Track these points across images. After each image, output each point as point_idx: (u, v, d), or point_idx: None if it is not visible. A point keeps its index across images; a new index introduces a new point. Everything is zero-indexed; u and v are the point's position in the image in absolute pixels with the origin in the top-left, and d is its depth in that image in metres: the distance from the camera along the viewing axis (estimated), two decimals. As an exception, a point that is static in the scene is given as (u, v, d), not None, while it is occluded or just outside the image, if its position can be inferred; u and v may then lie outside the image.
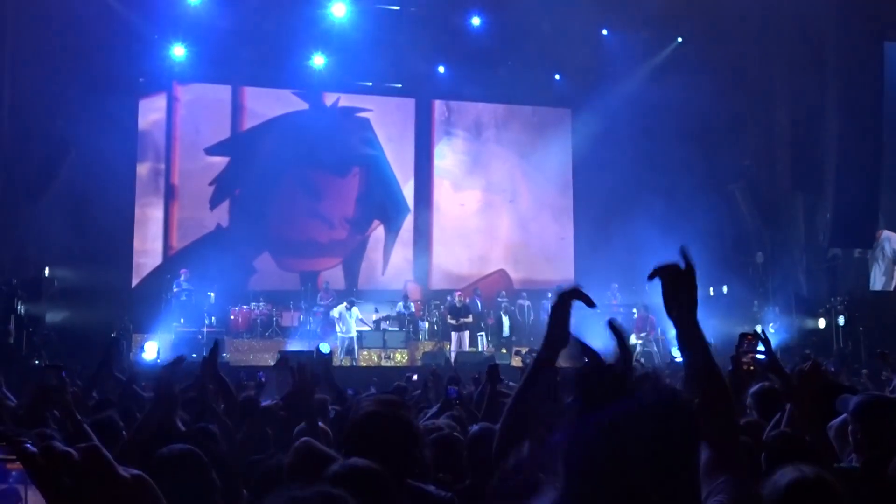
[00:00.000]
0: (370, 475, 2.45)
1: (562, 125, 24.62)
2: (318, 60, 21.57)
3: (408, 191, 23.54)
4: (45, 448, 1.10)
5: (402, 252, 23.21)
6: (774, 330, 19.08)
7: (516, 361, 16.93)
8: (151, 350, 17.17)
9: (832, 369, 9.22)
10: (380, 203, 23.19)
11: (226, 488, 3.16)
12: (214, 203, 22.04)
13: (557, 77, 23.30)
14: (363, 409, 3.01)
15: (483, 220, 24.00)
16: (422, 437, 3.06)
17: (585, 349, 1.67)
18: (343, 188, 23.02)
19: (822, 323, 18.96)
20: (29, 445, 1.10)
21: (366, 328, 19.90)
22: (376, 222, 23.21)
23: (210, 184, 21.94)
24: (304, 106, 22.64)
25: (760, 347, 4.06)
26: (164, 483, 2.94)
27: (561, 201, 24.30)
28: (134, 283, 20.89)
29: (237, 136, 22.41)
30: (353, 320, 19.29)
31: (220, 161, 22.20)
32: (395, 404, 3.04)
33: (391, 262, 23.11)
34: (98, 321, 17.70)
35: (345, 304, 19.41)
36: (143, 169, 21.61)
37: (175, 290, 19.49)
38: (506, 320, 20.81)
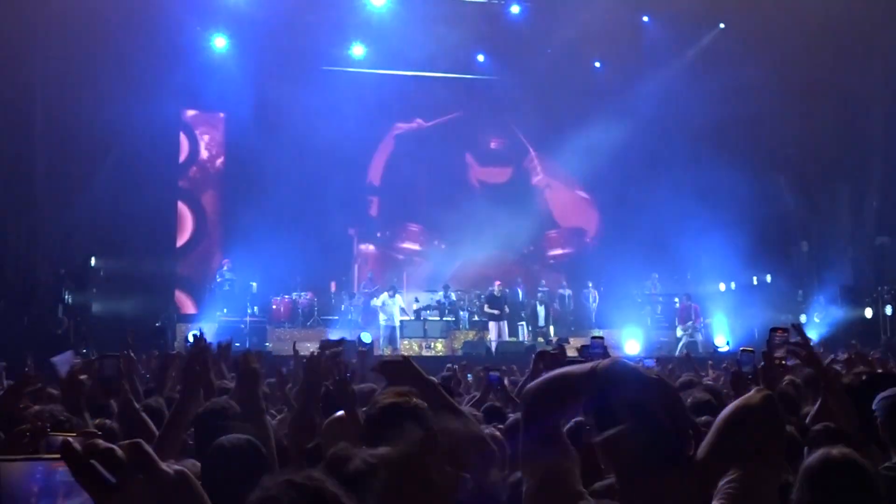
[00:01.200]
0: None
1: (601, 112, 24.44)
2: (358, 50, 21.61)
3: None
4: (88, 445, 1.11)
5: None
6: (819, 320, 18.84)
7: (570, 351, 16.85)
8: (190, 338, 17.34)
9: (878, 357, 9.08)
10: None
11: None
12: (256, 191, 22.25)
13: (598, 64, 23.12)
14: (379, 401, 3.01)
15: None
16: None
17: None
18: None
19: (868, 312, 18.67)
20: (72, 440, 1.11)
21: (407, 318, 19.94)
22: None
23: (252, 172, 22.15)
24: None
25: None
26: (221, 471, 2.99)
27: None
28: (178, 272, 21.12)
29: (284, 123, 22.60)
30: (395, 308, 19.34)
31: (264, 150, 22.40)
32: (411, 394, 3.04)
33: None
34: (143, 310, 17.94)
35: (386, 293, 19.48)
36: (185, 158, 21.84)
37: (218, 279, 19.71)
38: (541, 310, 20.74)
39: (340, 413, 4.07)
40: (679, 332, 19.77)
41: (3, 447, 3.12)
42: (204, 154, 22.42)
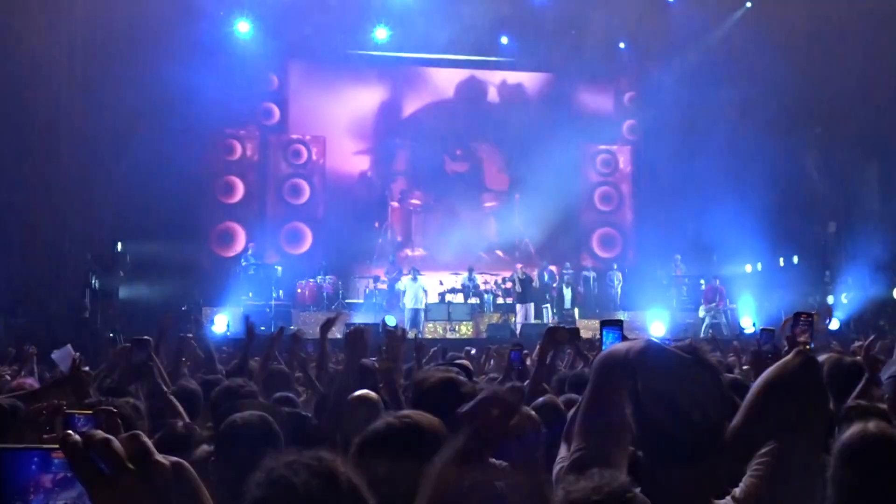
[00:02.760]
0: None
1: (625, 93, 24.39)
2: (381, 33, 21.56)
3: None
4: (86, 436, 1.11)
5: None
6: (847, 301, 18.68)
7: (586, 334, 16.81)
8: (221, 323, 17.46)
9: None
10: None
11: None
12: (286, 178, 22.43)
13: (622, 45, 22.94)
14: (436, 375, 3.00)
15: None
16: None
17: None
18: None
19: (896, 293, 18.49)
20: (72, 433, 1.12)
21: (431, 301, 19.97)
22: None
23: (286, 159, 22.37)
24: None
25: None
26: (235, 448, 3.01)
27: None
28: (205, 257, 21.25)
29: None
30: (420, 291, 19.36)
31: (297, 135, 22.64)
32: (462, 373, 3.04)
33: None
34: (170, 295, 18.07)
35: (410, 276, 19.51)
36: (213, 142, 21.94)
37: (243, 263, 19.81)
38: (567, 292, 20.69)
39: (362, 391, 4.09)
40: (702, 313, 19.65)
41: (21, 425, 3.14)
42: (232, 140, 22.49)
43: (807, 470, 1.84)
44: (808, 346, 3.86)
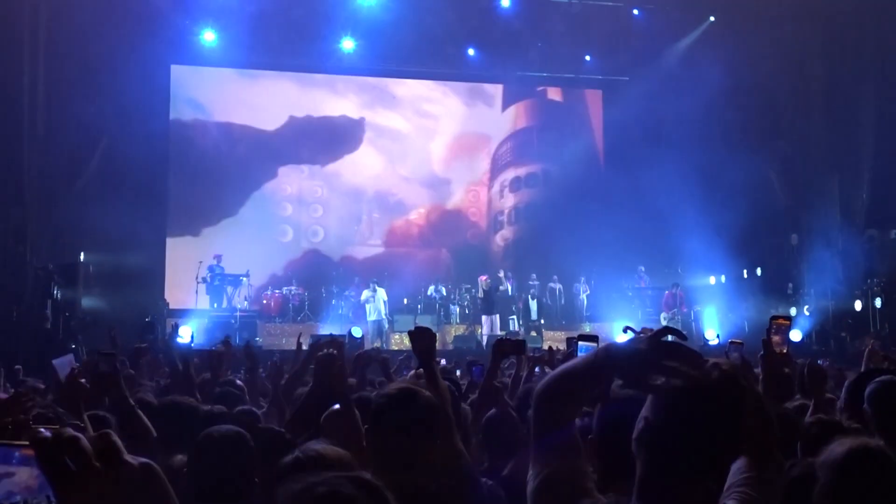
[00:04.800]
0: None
1: (592, 106, 24.58)
2: (348, 44, 21.54)
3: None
4: (55, 433, 1.10)
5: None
6: (810, 312, 18.89)
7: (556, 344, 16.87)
8: (186, 334, 17.26)
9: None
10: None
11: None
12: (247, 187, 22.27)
13: (588, 58, 23.10)
14: (392, 386, 2.99)
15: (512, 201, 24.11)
16: (453, 422, 3.03)
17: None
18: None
19: (858, 305, 18.72)
20: (42, 430, 1.10)
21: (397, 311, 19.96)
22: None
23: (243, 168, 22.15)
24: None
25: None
26: (207, 461, 2.99)
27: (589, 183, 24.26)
28: (167, 267, 21.03)
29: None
30: (380, 303, 19.34)
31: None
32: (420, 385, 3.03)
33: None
34: (133, 306, 17.88)
35: (367, 289, 19.50)
36: (174, 153, 21.76)
37: (208, 274, 19.65)
38: (533, 304, 20.77)
39: (337, 407, 4.06)
40: (664, 321, 19.82)
41: None
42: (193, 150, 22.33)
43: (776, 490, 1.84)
44: (784, 350, 3.89)
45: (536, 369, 6.29)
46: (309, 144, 22.80)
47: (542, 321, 20.48)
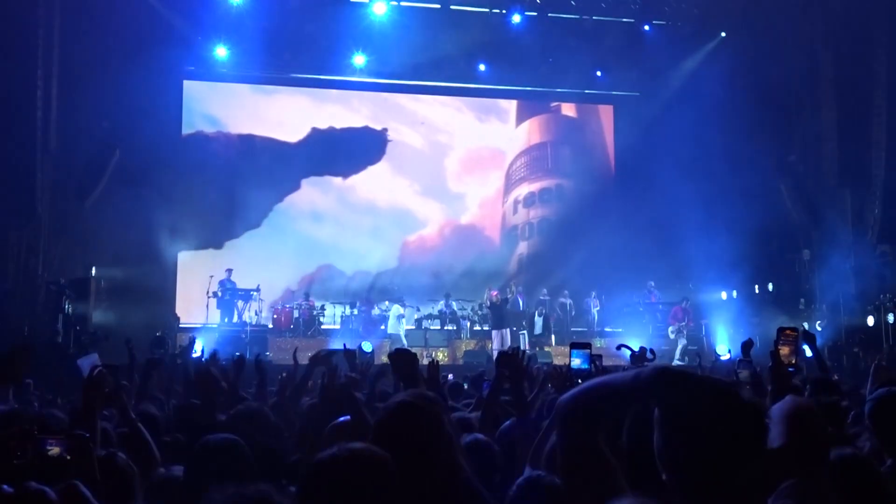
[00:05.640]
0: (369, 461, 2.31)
1: (604, 121, 24.61)
2: (359, 59, 21.60)
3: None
4: (18, 490, 1.11)
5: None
6: (822, 328, 18.78)
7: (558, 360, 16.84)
8: (196, 348, 17.27)
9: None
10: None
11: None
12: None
13: (599, 73, 23.10)
14: (396, 399, 2.96)
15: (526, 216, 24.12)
16: (453, 436, 2.99)
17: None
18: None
19: (871, 321, 18.60)
20: (5, 488, 1.11)
21: (409, 327, 19.94)
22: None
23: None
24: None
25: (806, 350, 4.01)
26: (206, 469, 2.98)
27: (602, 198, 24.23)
28: (178, 282, 21.07)
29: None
30: (394, 317, 19.35)
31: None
32: (429, 399, 2.99)
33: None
34: (143, 320, 17.90)
35: (386, 301, 19.50)
36: (186, 168, 21.83)
37: (219, 289, 19.68)
38: (538, 320, 20.75)
39: (344, 419, 4.05)
40: (672, 334, 19.84)
41: None
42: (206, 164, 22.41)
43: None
44: (792, 362, 3.86)
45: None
46: (326, 157, 22.87)
47: (553, 336, 20.46)
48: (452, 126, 24.13)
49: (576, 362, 2.79)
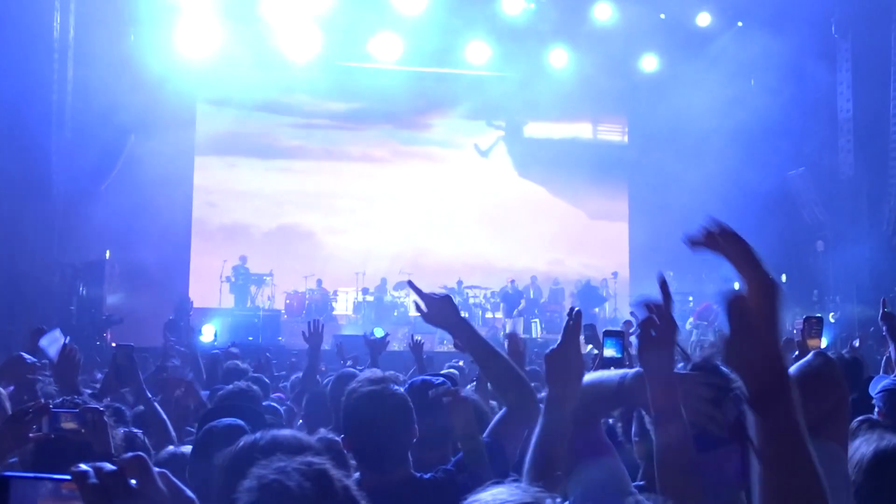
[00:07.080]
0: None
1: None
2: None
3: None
4: (96, 468, 1.12)
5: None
6: (835, 320, 18.70)
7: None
8: (209, 333, 17.32)
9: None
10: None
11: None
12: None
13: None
14: (358, 389, 2.99)
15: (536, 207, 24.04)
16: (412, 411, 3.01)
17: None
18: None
19: (885, 312, 18.49)
20: (81, 466, 1.12)
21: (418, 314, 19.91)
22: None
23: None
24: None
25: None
26: (211, 454, 3.00)
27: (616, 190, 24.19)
28: (192, 266, 21.14)
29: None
30: (408, 302, 19.38)
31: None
32: (387, 380, 3.03)
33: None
34: (157, 303, 17.97)
35: (396, 287, 19.53)
36: (201, 152, 21.90)
37: (233, 273, 19.74)
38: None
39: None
40: (689, 326, 19.72)
41: (9, 425, 3.12)
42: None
43: (837, 466, 1.83)
44: (820, 348, 3.87)
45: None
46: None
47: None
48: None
49: (609, 353, 2.72)
